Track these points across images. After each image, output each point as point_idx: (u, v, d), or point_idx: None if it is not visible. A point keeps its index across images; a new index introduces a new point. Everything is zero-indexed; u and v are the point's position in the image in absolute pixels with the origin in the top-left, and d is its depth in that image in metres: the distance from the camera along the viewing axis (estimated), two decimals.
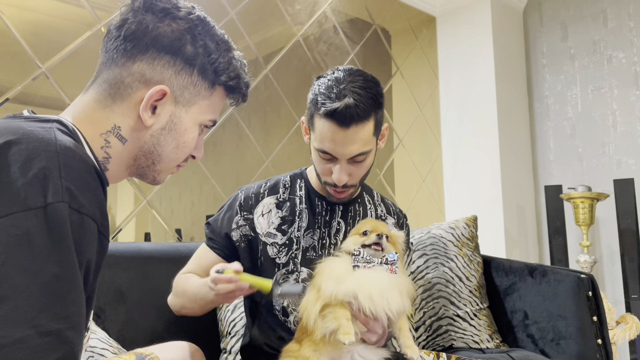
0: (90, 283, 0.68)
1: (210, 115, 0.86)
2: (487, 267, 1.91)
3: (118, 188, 2.02)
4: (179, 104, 0.81)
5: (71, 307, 0.60)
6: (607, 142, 3.07)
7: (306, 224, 1.30)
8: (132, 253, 1.49)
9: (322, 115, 1.16)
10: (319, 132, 1.19)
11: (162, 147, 0.81)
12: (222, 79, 0.84)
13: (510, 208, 3.11)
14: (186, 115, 0.82)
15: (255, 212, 1.31)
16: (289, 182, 1.36)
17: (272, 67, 2.52)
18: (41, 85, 1.78)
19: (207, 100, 0.84)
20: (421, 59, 3.35)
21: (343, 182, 1.21)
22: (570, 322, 1.66)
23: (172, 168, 0.86)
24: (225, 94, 0.87)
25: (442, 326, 1.77)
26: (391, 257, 1.13)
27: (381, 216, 1.41)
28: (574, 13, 3.25)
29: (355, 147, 1.17)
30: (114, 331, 1.37)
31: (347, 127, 1.15)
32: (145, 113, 0.78)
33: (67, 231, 0.61)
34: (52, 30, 1.85)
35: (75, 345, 0.60)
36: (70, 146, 0.67)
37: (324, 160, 1.22)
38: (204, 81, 0.82)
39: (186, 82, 0.81)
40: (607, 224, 3.02)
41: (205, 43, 0.81)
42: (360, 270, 1.11)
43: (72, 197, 0.62)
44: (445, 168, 3.35)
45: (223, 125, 2.32)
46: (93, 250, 0.66)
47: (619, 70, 3.05)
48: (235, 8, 2.39)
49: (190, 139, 0.84)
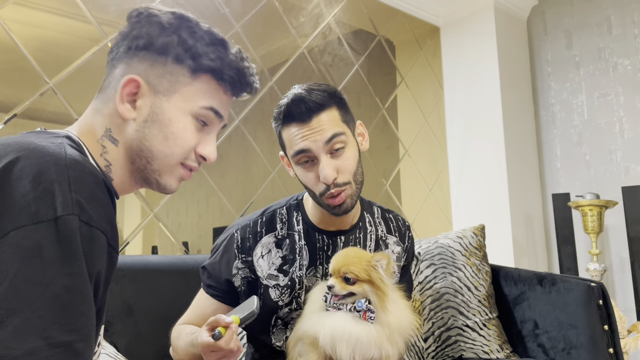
0: (100, 296, 0.68)
1: (199, 101, 0.80)
2: (495, 277, 1.90)
3: (125, 201, 2.03)
4: (158, 93, 0.79)
5: (81, 319, 0.61)
6: (614, 149, 3.05)
7: (307, 262, 1.23)
8: (139, 266, 1.49)
9: (284, 123, 1.16)
10: (288, 141, 1.16)
11: (149, 141, 0.78)
12: (203, 63, 0.80)
13: (518, 217, 3.09)
14: (168, 104, 0.79)
15: (255, 254, 1.23)
16: (286, 215, 1.28)
17: (277, 80, 2.53)
18: (49, 100, 1.80)
19: (191, 87, 0.80)
20: (426, 69, 3.36)
21: (332, 177, 1.13)
22: (581, 331, 1.64)
23: (174, 168, 0.81)
24: (215, 80, 0.82)
25: (451, 336, 1.75)
26: (359, 305, 1.02)
27: (382, 237, 1.34)
28: (578, 21, 3.25)
29: (325, 132, 1.13)
30: (122, 345, 1.37)
31: (307, 121, 1.13)
32: (122, 106, 0.78)
33: (78, 243, 0.61)
34: (59, 46, 1.87)
35: (85, 356, 0.60)
36: (80, 160, 0.67)
37: (306, 166, 1.17)
38: (181, 68, 0.80)
39: (162, 72, 0.79)
40: (616, 232, 2.99)
41: (179, 34, 0.79)
42: (329, 313, 1.04)
43: (82, 210, 0.63)
44: (451, 177, 3.34)
45: (229, 137, 2.33)
46: (103, 262, 0.66)
47: (624, 77, 3.05)
48: (240, 21, 2.41)
49: (180, 129, 0.79)
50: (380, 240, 1.34)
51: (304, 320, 1.10)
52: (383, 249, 1.34)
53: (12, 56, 1.74)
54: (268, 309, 1.22)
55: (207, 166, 2.23)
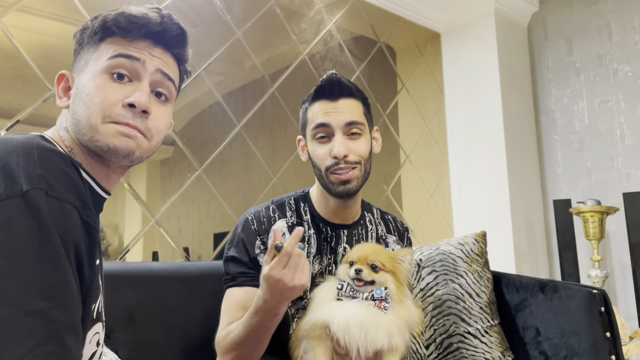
0: (85, 271, 0.69)
1: (106, 55, 0.81)
2: (497, 283, 1.89)
3: (126, 208, 2.03)
4: (79, 73, 0.83)
5: (56, 288, 0.62)
6: (615, 155, 3.05)
7: (315, 250, 1.29)
8: (140, 273, 1.49)
9: (313, 98, 1.26)
10: (312, 116, 1.26)
11: (76, 113, 0.81)
12: (103, 28, 0.83)
13: (519, 223, 3.09)
14: (84, 75, 0.83)
15: (270, 237, 1.27)
16: (294, 205, 1.34)
17: (278, 86, 2.54)
18: (51, 107, 1.81)
19: (98, 51, 0.83)
20: (426, 75, 3.37)
21: (343, 152, 1.21)
22: (583, 338, 1.63)
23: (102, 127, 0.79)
24: (119, 37, 0.83)
25: (453, 343, 1.75)
26: (378, 293, 1.05)
27: (382, 236, 1.40)
28: (579, 27, 3.26)
29: (347, 115, 1.24)
30: (124, 352, 1.36)
31: (336, 99, 1.24)
32: (59, 100, 0.85)
33: (46, 216, 0.63)
34: (61, 53, 1.88)
35: (62, 323, 0.61)
36: (47, 145, 0.71)
37: (321, 142, 1.26)
38: (91, 44, 0.84)
39: (80, 56, 0.85)
40: (617, 238, 2.99)
41: (94, 23, 0.85)
42: (343, 302, 1.05)
43: (49, 185, 0.65)
44: (452, 183, 3.34)
45: (230, 143, 2.33)
46: (79, 235, 0.67)
47: (625, 83, 3.05)
48: (242, 28, 2.42)
49: (93, 89, 0.80)
50: (380, 239, 1.39)
51: (311, 313, 1.10)
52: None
53: (14, 63, 1.75)
54: None
55: (208, 172, 2.23)
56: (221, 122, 2.33)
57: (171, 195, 2.13)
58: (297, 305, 1.28)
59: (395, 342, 1.03)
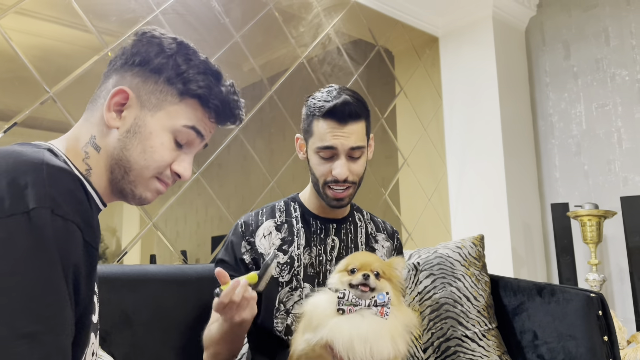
0: (82, 292, 0.68)
1: (181, 120, 0.84)
2: (494, 287, 1.89)
3: (124, 211, 2.03)
4: (144, 108, 0.82)
5: (50, 310, 0.61)
6: (612, 159, 3.06)
7: (304, 242, 1.37)
8: (137, 275, 1.49)
9: (323, 115, 1.30)
10: (319, 133, 1.32)
11: (128, 150, 0.81)
12: (191, 88, 0.84)
13: (517, 227, 3.09)
14: (152, 119, 0.82)
15: (257, 236, 1.37)
16: (284, 206, 1.44)
17: (276, 89, 2.54)
18: (49, 109, 1.81)
19: (177, 107, 0.84)
20: (424, 79, 3.37)
21: (345, 175, 1.31)
22: (580, 342, 1.63)
23: (149, 181, 0.83)
24: (200, 106, 0.86)
25: (450, 347, 1.75)
26: (381, 298, 1.05)
27: (371, 234, 1.48)
28: (576, 32, 3.27)
29: (353, 139, 1.31)
30: (120, 355, 1.36)
31: (344, 123, 1.30)
32: (108, 114, 0.82)
33: (49, 236, 0.62)
34: (59, 56, 1.88)
35: (52, 348, 0.61)
36: (57, 162, 0.70)
37: (325, 159, 1.33)
38: (171, 88, 0.83)
39: (152, 89, 0.83)
40: (615, 242, 2.99)
41: (176, 58, 0.84)
42: (345, 315, 1.04)
43: (55, 204, 0.64)
44: (450, 187, 3.35)
45: (228, 146, 2.33)
46: (79, 256, 0.67)
47: (622, 87, 3.06)
48: (240, 31, 2.42)
49: (158, 144, 0.82)
50: (370, 235, 1.47)
51: (309, 333, 1.08)
52: (373, 243, 1.48)
53: (12, 65, 1.75)
54: (273, 283, 1.31)
55: (206, 175, 2.23)
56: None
57: (169, 198, 2.13)
58: (293, 299, 1.31)
59: (399, 347, 1.04)
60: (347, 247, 1.41)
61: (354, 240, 1.43)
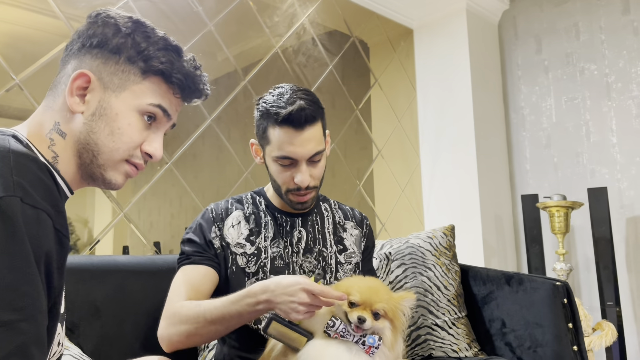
0: (55, 281, 0.68)
1: (147, 99, 0.82)
2: (464, 276, 1.93)
3: (96, 201, 1.99)
4: (108, 89, 0.81)
5: (25, 299, 0.61)
6: (581, 151, 3.13)
7: (272, 234, 1.37)
8: (107, 266, 1.47)
9: (279, 123, 1.26)
10: (276, 141, 1.28)
11: (96, 134, 0.80)
12: (153, 65, 0.82)
13: (488, 217, 3.15)
14: (116, 100, 0.81)
15: (226, 224, 1.36)
16: (251, 199, 1.44)
17: (250, 79, 2.52)
18: (15, 97, 1.76)
19: (140, 85, 0.82)
20: (399, 71, 3.39)
21: (307, 182, 1.29)
22: (546, 329, 1.68)
23: (118, 164, 0.82)
24: (164, 82, 0.84)
25: (420, 335, 1.77)
26: (370, 342, 1.01)
27: (339, 222, 1.49)
28: (548, 26, 3.32)
29: (312, 145, 1.28)
30: (89, 347, 1.34)
31: (302, 129, 1.26)
32: (71, 99, 0.80)
33: (20, 224, 0.61)
34: (26, 42, 1.83)
35: (29, 336, 0.60)
36: (23, 150, 0.69)
37: (284, 167, 1.30)
38: (132, 67, 0.82)
39: (114, 69, 0.81)
40: (582, 232, 3.07)
41: (134, 37, 0.82)
42: (331, 339, 1.00)
43: (24, 192, 0.63)
44: (423, 178, 3.38)
45: (202, 137, 2.31)
46: (51, 244, 0.66)
47: (591, 81, 3.13)
48: (214, 20, 2.39)
49: (125, 125, 0.81)
50: (338, 224, 1.48)
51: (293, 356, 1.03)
52: (341, 232, 1.47)
53: None
54: (239, 274, 1.31)
55: (180, 166, 2.21)
56: (193, 115, 2.30)
57: (141, 187, 2.10)
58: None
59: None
60: (314, 239, 1.41)
61: (321, 231, 1.44)
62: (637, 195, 2.91)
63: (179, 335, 1.19)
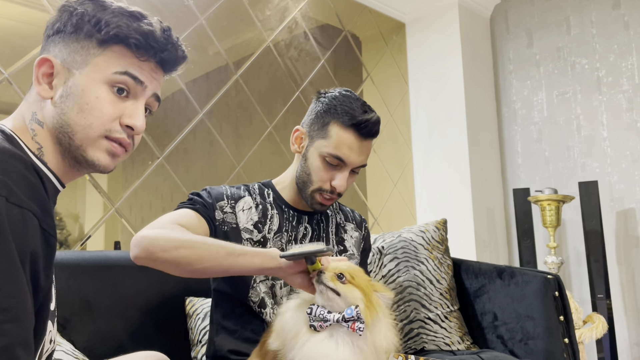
0: (42, 281, 0.67)
1: (111, 68, 0.80)
2: (457, 270, 1.93)
3: (87, 196, 1.98)
4: (72, 69, 0.80)
5: (10, 300, 0.60)
6: (571, 145, 3.15)
7: (276, 227, 1.36)
8: (98, 262, 1.46)
9: (349, 125, 1.28)
10: (336, 140, 1.29)
11: (66, 114, 0.78)
12: (109, 33, 0.80)
13: (480, 211, 3.16)
14: (81, 76, 0.79)
15: (238, 206, 1.34)
16: (257, 189, 1.41)
17: (242, 73, 2.51)
18: (4, 91, 1.74)
19: (102, 56, 0.80)
20: (391, 65, 3.39)
21: (343, 188, 1.31)
22: (538, 322, 1.69)
23: (96, 141, 0.79)
24: (126, 48, 0.81)
25: (413, 329, 1.78)
26: (349, 313, 0.95)
27: (340, 223, 1.49)
28: (539, 20, 3.33)
29: (364, 157, 1.33)
30: (80, 342, 1.34)
31: (365, 139, 1.31)
32: (39, 87, 0.80)
33: (5, 224, 0.60)
34: (15, 36, 1.81)
35: (14, 338, 0.59)
36: (8, 147, 0.68)
37: (330, 166, 1.30)
38: (90, 41, 0.80)
39: (74, 48, 0.80)
40: (573, 226, 3.09)
41: (89, 12, 0.80)
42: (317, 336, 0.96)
43: (10, 192, 0.62)
44: (416, 172, 3.39)
45: (194, 131, 2.30)
46: (37, 244, 0.65)
47: (582, 76, 3.14)
48: (205, 13, 2.38)
49: (93, 99, 0.79)
50: (339, 226, 1.48)
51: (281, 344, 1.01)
52: (342, 234, 1.47)
53: None
54: None
55: (171, 161, 2.20)
56: (185, 109, 2.29)
57: (132, 183, 2.09)
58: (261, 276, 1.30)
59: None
60: (318, 236, 1.41)
61: (326, 230, 1.44)
62: (627, 188, 2.93)
63: (166, 240, 1.07)
